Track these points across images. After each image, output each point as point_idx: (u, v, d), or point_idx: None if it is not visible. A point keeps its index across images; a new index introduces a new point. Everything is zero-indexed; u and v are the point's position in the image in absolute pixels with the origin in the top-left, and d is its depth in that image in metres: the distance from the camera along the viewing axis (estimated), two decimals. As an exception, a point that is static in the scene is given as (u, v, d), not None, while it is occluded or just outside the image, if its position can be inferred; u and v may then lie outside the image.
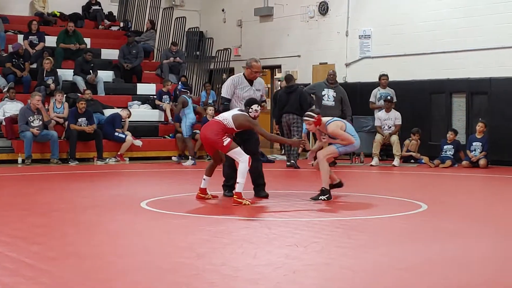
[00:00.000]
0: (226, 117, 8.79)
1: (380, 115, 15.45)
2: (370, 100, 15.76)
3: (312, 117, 9.07)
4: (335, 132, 9.14)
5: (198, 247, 6.04)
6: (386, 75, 15.81)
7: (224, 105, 9.32)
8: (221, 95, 9.48)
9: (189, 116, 14.96)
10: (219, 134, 8.67)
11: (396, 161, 14.89)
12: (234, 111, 8.89)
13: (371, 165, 14.77)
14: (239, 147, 8.73)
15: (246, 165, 8.61)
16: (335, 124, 9.20)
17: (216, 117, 9.08)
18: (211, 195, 9.13)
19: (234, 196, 8.64)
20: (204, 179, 9.06)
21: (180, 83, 17.01)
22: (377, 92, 15.82)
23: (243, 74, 9.36)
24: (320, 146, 9.43)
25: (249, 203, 8.60)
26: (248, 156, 8.69)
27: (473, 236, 6.79)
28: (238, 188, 8.61)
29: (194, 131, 15.30)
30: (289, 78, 14.90)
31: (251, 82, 9.30)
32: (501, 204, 9.39)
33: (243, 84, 9.28)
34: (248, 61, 9.33)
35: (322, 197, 9.02)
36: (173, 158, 15.74)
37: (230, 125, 8.72)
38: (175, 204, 8.75)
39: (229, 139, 8.69)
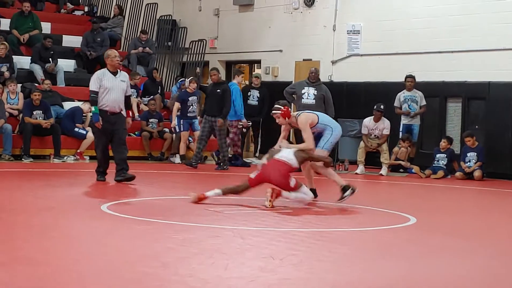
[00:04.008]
0: (286, 156, 9.22)
1: (367, 123, 15.40)
2: (394, 104, 15.52)
3: (278, 109, 9.34)
4: (302, 127, 9.45)
5: (163, 256, 6.02)
6: (413, 77, 15.47)
7: (92, 96, 11.23)
8: (89, 89, 11.37)
9: None
10: (286, 177, 9.15)
11: (383, 170, 14.95)
12: (289, 150, 9.40)
13: (356, 173, 14.82)
14: (303, 185, 9.27)
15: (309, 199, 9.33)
16: (305, 116, 9.47)
17: (277, 157, 9.26)
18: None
19: None
20: (216, 192, 9.18)
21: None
22: (400, 96, 15.53)
23: (107, 68, 11.37)
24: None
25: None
26: (311, 194, 9.40)
27: (463, 254, 6.83)
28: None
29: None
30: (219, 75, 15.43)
31: (114, 73, 11.33)
32: (495, 220, 9.46)
33: (107, 76, 11.27)
34: (105, 53, 11.65)
35: (347, 193, 9.41)
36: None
37: (294, 164, 9.24)
38: (139, 209, 8.72)
39: (294, 180, 9.17)
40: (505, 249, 7.20)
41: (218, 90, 14.70)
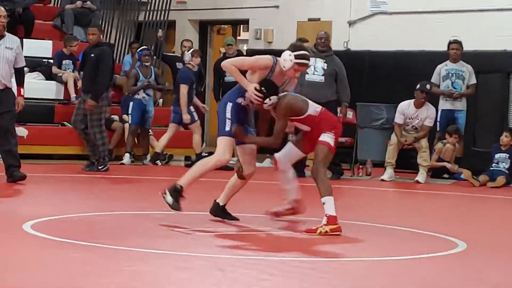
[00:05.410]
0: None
1: (404, 109, 15.14)
2: (432, 80, 15.62)
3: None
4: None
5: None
6: (459, 42, 15.57)
7: None
8: None
9: None
10: None
11: (421, 176, 14.94)
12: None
13: (383, 180, 14.82)
14: None
15: None
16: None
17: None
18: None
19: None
20: None
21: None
22: (441, 69, 15.66)
23: None
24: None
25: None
26: None
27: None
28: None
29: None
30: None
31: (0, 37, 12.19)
32: None
33: None
34: None
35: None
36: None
37: None
38: (75, 229, 8.70)
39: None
40: None
41: (92, 55, 14.71)
